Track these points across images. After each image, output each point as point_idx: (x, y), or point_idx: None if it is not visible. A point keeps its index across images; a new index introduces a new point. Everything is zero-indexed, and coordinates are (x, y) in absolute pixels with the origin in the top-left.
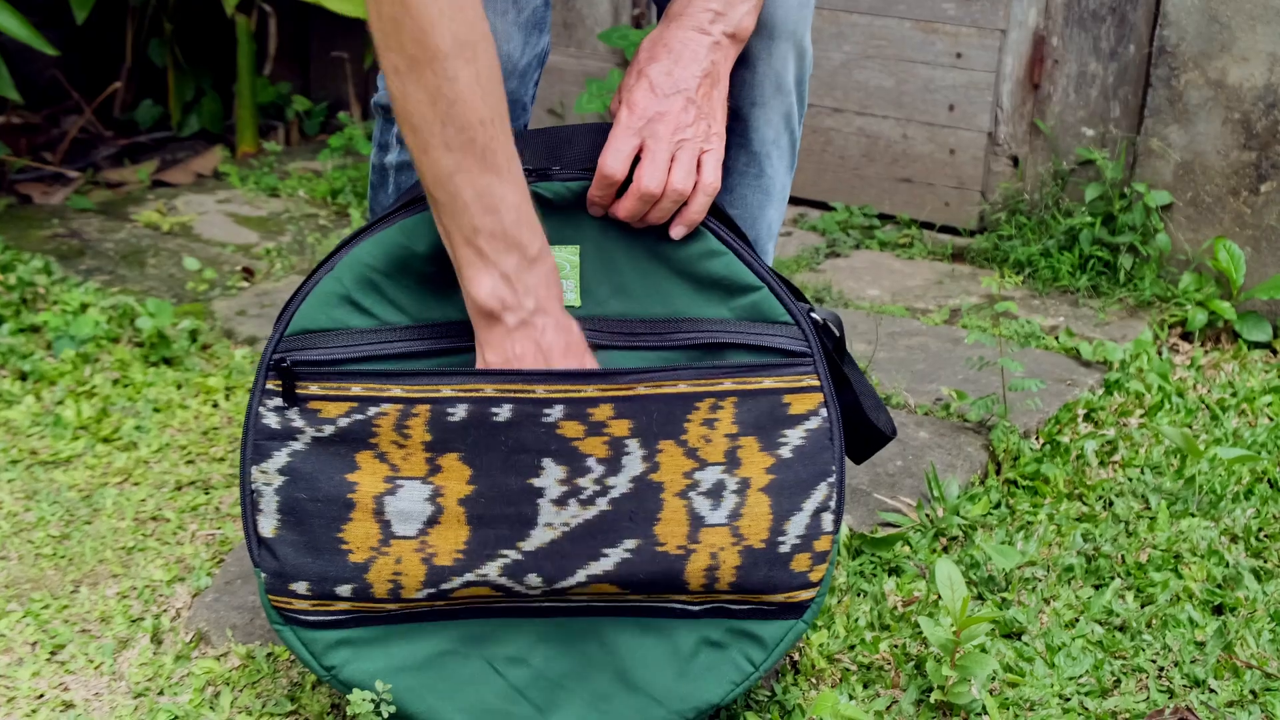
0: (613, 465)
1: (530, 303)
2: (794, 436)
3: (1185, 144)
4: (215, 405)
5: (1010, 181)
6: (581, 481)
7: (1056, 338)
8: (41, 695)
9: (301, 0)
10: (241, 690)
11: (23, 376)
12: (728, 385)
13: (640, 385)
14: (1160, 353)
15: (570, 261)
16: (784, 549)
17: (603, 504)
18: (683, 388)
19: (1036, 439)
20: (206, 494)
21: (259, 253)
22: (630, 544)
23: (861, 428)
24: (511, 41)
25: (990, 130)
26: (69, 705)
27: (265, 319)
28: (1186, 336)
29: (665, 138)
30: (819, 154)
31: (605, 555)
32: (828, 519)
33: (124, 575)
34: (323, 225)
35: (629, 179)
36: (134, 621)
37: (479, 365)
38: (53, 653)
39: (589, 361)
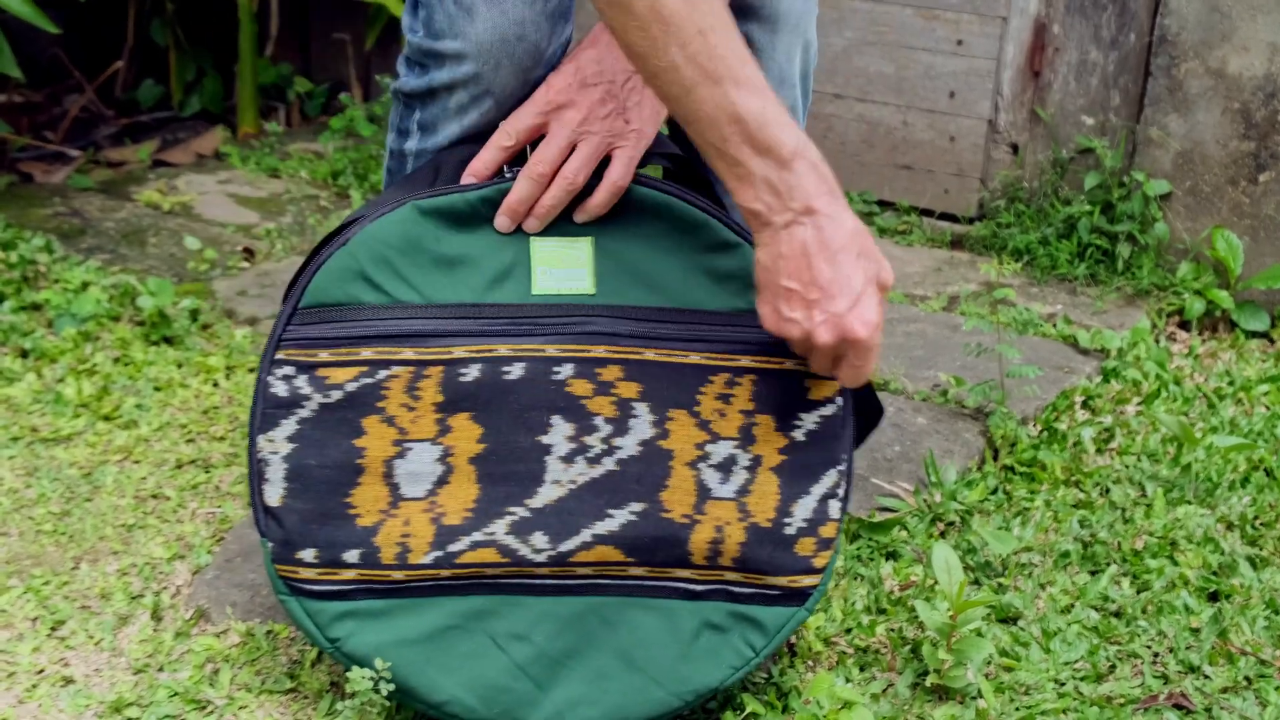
0: (620, 426)
1: (798, 203)
2: (808, 420)
3: (1185, 133)
4: (215, 384)
5: (1010, 169)
6: (589, 439)
7: (1054, 325)
8: (42, 670)
9: None
10: (241, 667)
11: (24, 354)
12: (746, 362)
13: (649, 351)
14: (1158, 341)
15: (584, 253)
16: (789, 530)
17: (609, 464)
18: (695, 359)
19: (1034, 426)
20: (207, 472)
21: (260, 233)
22: (636, 507)
23: (865, 410)
24: (540, 31)
25: (990, 118)
26: (69, 680)
27: (266, 299)
28: (1184, 325)
29: (568, 124)
30: (819, 140)
31: (610, 516)
32: (834, 506)
33: (124, 552)
34: (324, 206)
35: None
36: (134, 598)
37: (761, 262)
38: (53, 628)
39: (862, 262)
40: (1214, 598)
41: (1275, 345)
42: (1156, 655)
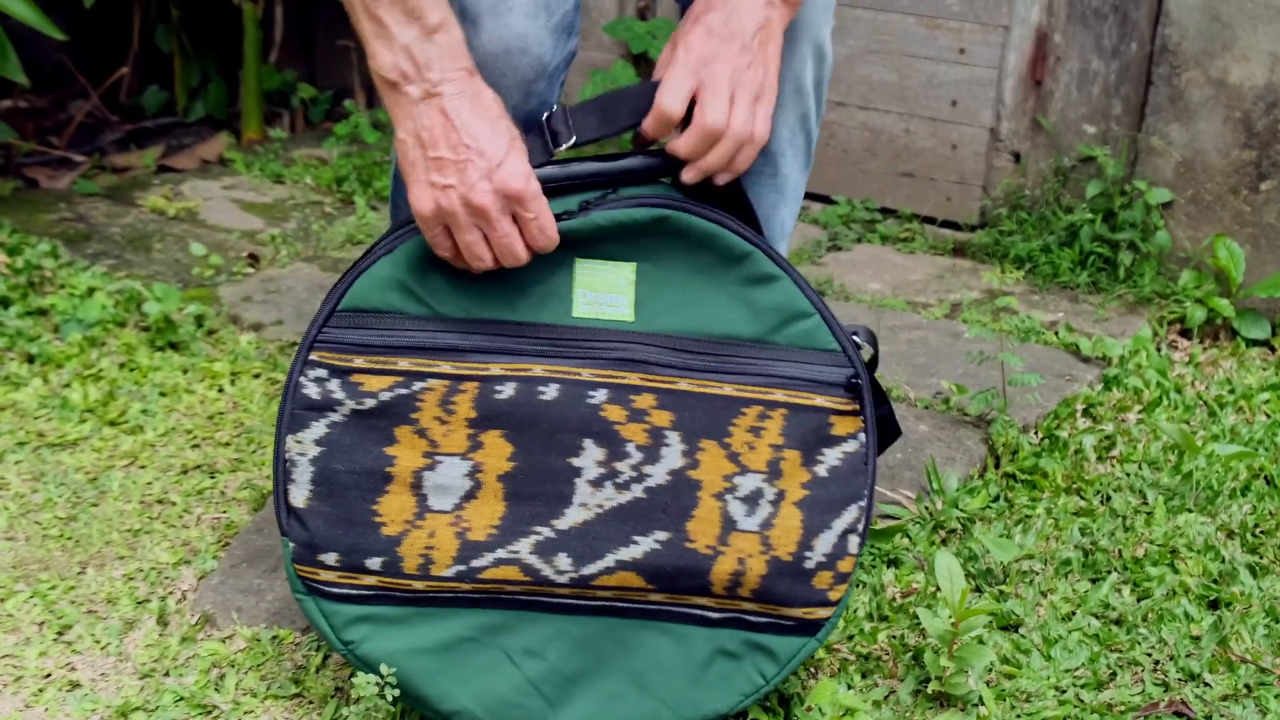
0: (651, 454)
1: (435, 74)
2: (831, 456)
3: (1186, 142)
4: (220, 390)
5: (1012, 177)
6: (619, 465)
7: (1056, 333)
8: (48, 675)
9: None
10: (246, 672)
11: (30, 359)
12: (779, 396)
13: (683, 381)
14: (1159, 349)
15: (627, 279)
16: (809, 564)
17: (638, 490)
18: (728, 390)
19: (1035, 433)
20: (212, 478)
21: (264, 239)
22: (661, 535)
23: (884, 431)
24: (543, 45)
25: (992, 126)
26: (75, 685)
27: (270, 305)
28: (1185, 333)
29: (724, 78)
30: (822, 147)
31: (635, 543)
32: (853, 541)
33: (130, 557)
34: (328, 213)
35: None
36: (140, 603)
37: (404, 141)
38: (59, 633)
39: (504, 124)
40: (1214, 605)
41: (1276, 353)
42: (1157, 663)
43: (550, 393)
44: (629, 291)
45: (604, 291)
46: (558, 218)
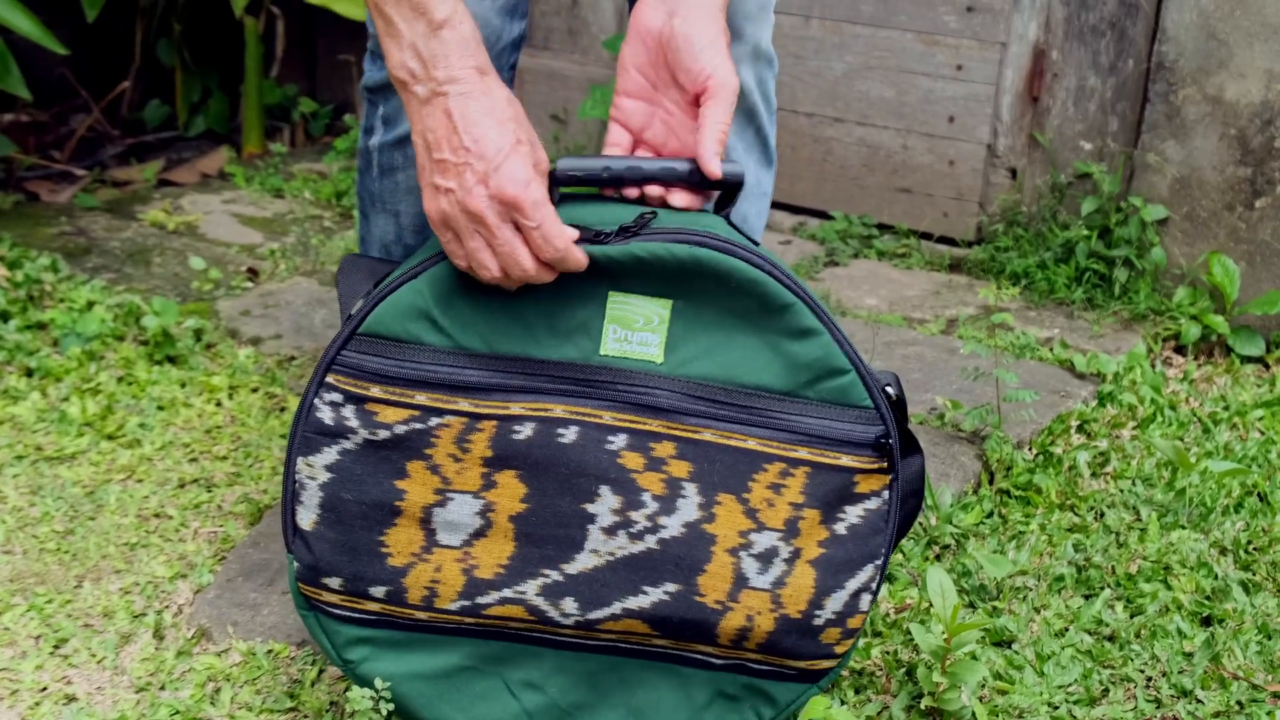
0: (667, 505)
1: (441, 73)
2: (852, 514)
3: (1182, 159)
4: (218, 404)
5: (1008, 193)
6: (634, 514)
7: (1051, 349)
8: (44, 688)
9: (309, 3)
10: (242, 686)
11: (29, 373)
12: (803, 454)
13: (707, 431)
14: (1153, 365)
15: (660, 315)
16: (818, 621)
17: (651, 541)
18: (752, 444)
19: (1029, 449)
20: (209, 492)
21: (263, 253)
22: (671, 588)
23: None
24: (490, 26)
25: (989, 142)
26: (71, 698)
27: (269, 319)
28: (1180, 350)
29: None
30: (819, 163)
31: (644, 593)
32: (865, 599)
33: (127, 571)
34: (327, 227)
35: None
36: (136, 617)
37: (416, 145)
38: (56, 646)
39: (513, 125)
40: (1207, 622)
41: (1270, 370)
42: (1150, 679)
43: (569, 435)
44: (661, 330)
45: (635, 329)
46: (593, 241)
